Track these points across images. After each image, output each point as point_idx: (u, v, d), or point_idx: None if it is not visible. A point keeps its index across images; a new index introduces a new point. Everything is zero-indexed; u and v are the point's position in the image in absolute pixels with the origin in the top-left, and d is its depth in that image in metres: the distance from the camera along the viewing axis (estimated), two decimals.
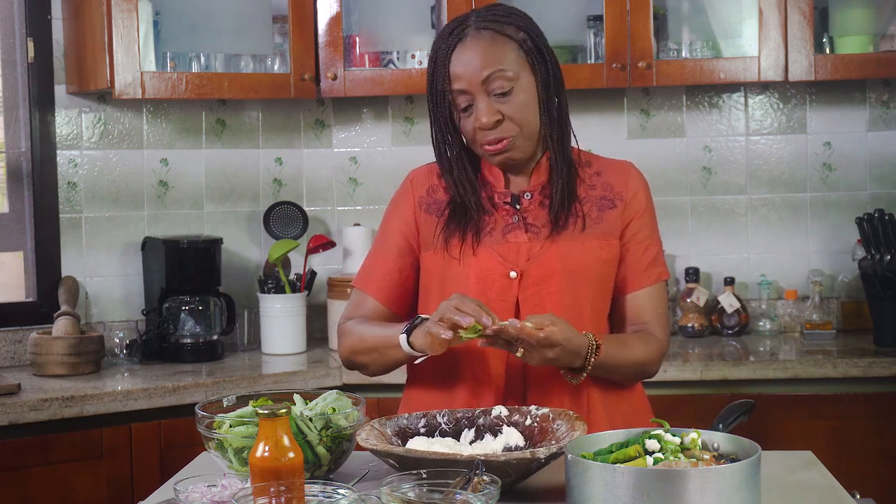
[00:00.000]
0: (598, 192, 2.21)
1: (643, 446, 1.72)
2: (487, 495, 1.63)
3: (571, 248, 2.15)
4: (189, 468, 2.09)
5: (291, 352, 3.68)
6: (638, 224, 2.22)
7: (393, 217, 2.28)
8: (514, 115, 2.11)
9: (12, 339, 3.56)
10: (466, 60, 2.10)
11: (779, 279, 3.93)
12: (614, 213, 2.20)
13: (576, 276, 2.15)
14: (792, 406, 3.33)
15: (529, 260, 2.15)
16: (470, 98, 2.11)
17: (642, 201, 2.24)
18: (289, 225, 3.82)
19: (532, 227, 2.17)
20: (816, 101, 3.92)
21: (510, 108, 2.10)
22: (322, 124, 3.99)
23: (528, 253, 2.15)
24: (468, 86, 2.10)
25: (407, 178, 2.31)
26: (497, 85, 2.09)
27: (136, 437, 3.15)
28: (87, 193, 3.71)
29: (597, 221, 2.19)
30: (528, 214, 2.18)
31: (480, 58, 2.09)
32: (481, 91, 2.10)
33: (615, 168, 2.26)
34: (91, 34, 3.48)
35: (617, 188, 2.22)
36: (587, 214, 2.18)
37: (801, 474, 2.00)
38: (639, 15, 3.57)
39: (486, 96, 2.10)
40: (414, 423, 2.02)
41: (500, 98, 2.10)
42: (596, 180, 2.23)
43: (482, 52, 2.10)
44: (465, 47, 2.11)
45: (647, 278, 2.22)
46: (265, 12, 3.65)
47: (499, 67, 2.09)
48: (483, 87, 2.09)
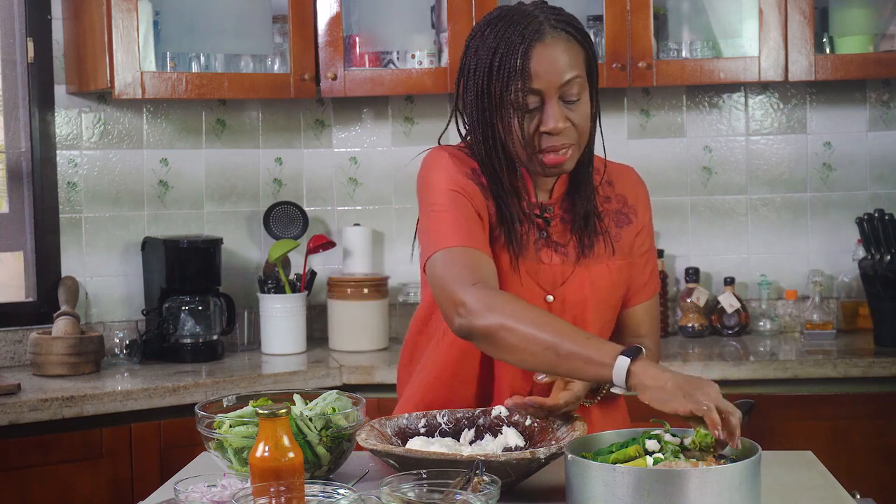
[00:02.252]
0: (613, 205, 2.16)
1: (643, 446, 1.72)
2: (487, 495, 1.63)
3: (600, 273, 2.11)
4: (189, 468, 2.09)
5: (291, 352, 3.68)
6: (642, 238, 2.18)
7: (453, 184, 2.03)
8: (581, 123, 2.02)
9: (12, 339, 3.56)
10: (548, 60, 1.97)
11: (779, 279, 3.93)
12: (630, 230, 2.16)
13: (603, 302, 2.12)
14: (792, 406, 3.33)
15: (564, 284, 2.09)
16: (539, 100, 1.99)
17: (647, 214, 2.20)
18: (289, 225, 3.82)
19: (559, 245, 2.10)
20: (816, 101, 3.92)
21: (578, 116, 2.01)
22: (322, 124, 3.99)
23: (562, 277, 2.09)
24: (545, 87, 1.98)
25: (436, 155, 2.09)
26: (572, 91, 1.99)
27: (136, 437, 3.15)
28: (87, 193, 3.71)
29: (616, 240, 2.14)
30: (553, 231, 2.11)
31: (564, 59, 1.98)
32: (555, 94, 1.98)
33: (624, 177, 2.20)
34: (91, 34, 3.48)
35: (630, 201, 2.18)
36: (607, 231, 2.12)
37: (801, 474, 2.00)
38: (639, 15, 3.57)
39: (558, 100, 1.99)
40: (414, 424, 2.02)
41: (570, 105, 2.01)
42: (609, 191, 2.17)
43: (564, 53, 1.99)
44: (545, 46, 1.98)
45: (646, 293, 2.20)
46: (265, 12, 3.65)
47: (578, 73, 1.99)
48: (560, 90, 1.98)
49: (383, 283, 3.76)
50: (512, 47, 1.98)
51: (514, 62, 1.97)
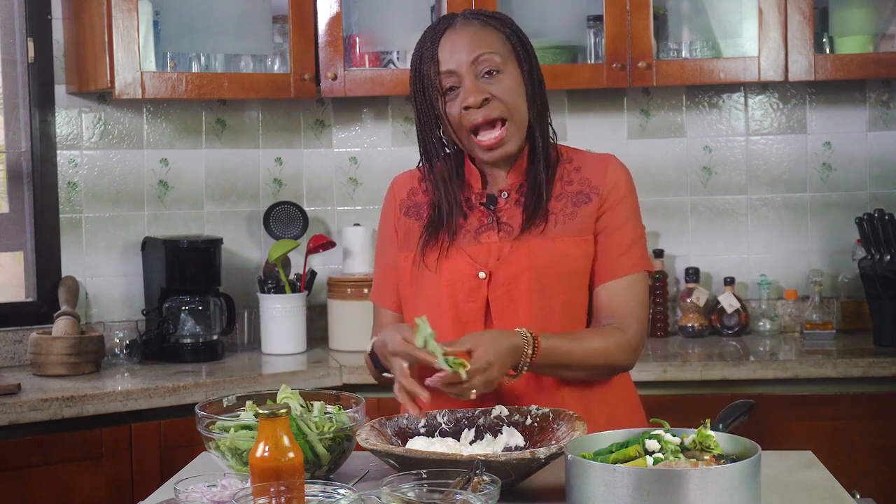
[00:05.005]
0: (574, 187, 2.20)
1: (643, 446, 1.72)
2: (487, 495, 1.63)
3: (541, 247, 2.14)
4: (189, 468, 2.09)
5: (291, 352, 3.68)
6: (610, 215, 2.18)
7: (382, 226, 2.33)
8: (503, 95, 2.12)
9: (12, 339, 3.56)
10: (455, 43, 2.13)
11: (779, 279, 3.93)
12: (589, 208, 2.18)
13: (545, 275, 2.14)
14: (792, 406, 3.34)
15: (499, 260, 2.15)
16: (457, 80, 2.12)
17: (621, 191, 2.19)
18: (289, 225, 3.82)
19: (505, 226, 2.17)
20: (816, 101, 3.92)
21: (498, 88, 2.12)
22: (322, 124, 4.00)
23: (499, 253, 2.15)
24: (456, 66, 2.11)
25: (390, 184, 2.35)
26: (485, 66, 2.12)
27: (136, 437, 3.15)
28: (87, 193, 3.71)
29: (570, 217, 2.17)
30: (502, 214, 2.18)
31: (469, 41, 2.13)
32: (469, 72, 2.11)
33: (595, 162, 2.23)
34: (91, 34, 3.48)
35: (594, 182, 2.19)
36: (561, 210, 2.17)
37: (801, 474, 2.00)
38: (639, 15, 3.57)
39: (475, 78, 2.11)
40: (414, 423, 2.02)
41: (488, 78, 2.12)
42: (574, 176, 2.21)
43: (471, 36, 2.13)
44: (453, 32, 2.14)
45: (617, 269, 2.17)
46: (265, 12, 3.65)
47: (488, 49, 2.12)
48: (472, 67, 2.11)
49: None
50: (426, 42, 2.17)
51: (428, 52, 2.15)
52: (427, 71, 2.14)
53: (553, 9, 3.64)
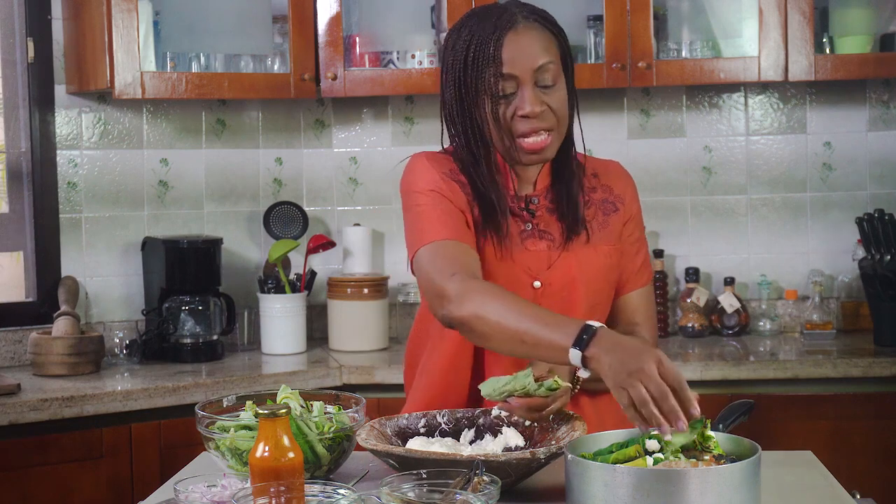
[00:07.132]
0: (599, 195, 2.20)
1: (643, 446, 1.72)
2: (487, 495, 1.63)
3: (588, 256, 2.14)
4: (189, 468, 2.09)
5: (291, 352, 3.68)
6: (630, 227, 2.21)
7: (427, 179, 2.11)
8: (558, 108, 2.07)
9: (12, 339, 3.56)
10: (521, 46, 2.04)
11: (779, 279, 3.93)
12: (617, 217, 2.19)
13: (593, 284, 2.14)
14: (792, 406, 3.34)
15: (550, 269, 2.12)
16: (515, 85, 2.05)
17: (635, 203, 2.24)
18: (289, 225, 3.82)
19: (546, 234, 2.14)
20: (816, 101, 3.92)
21: (554, 100, 2.07)
22: (322, 124, 4.00)
23: (549, 261, 2.12)
24: (520, 72, 2.04)
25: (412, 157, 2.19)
26: (547, 76, 2.05)
27: (136, 437, 3.15)
28: (87, 193, 3.71)
29: (603, 226, 2.17)
30: (539, 221, 2.15)
31: (537, 46, 2.05)
32: (530, 79, 2.04)
33: (609, 170, 2.24)
34: (91, 34, 3.48)
35: (616, 191, 2.21)
36: (594, 219, 2.17)
37: (801, 474, 2.00)
38: (639, 15, 3.57)
39: (533, 85, 2.05)
40: (414, 423, 2.02)
41: (545, 90, 2.06)
42: (595, 182, 2.21)
43: (537, 40, 2.06)
44: (517, 33, 2.05)
45: (639, 280, 2.22)
46: (265, 12, 3.65)
47: (550, 59, 2.06)
48: (534, 75, 2.04)
49: (383, 283, 3.75)
50: (485, 37, 2.05)
51: (488, 51, 2.04)
52: (484, 70, 2.04)
53: (553, 9, 3.58)
